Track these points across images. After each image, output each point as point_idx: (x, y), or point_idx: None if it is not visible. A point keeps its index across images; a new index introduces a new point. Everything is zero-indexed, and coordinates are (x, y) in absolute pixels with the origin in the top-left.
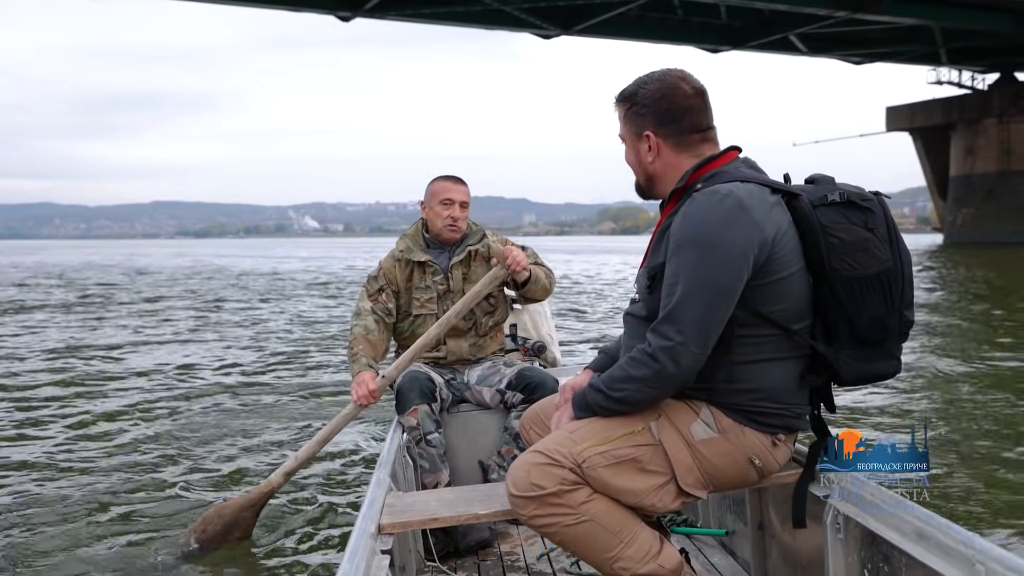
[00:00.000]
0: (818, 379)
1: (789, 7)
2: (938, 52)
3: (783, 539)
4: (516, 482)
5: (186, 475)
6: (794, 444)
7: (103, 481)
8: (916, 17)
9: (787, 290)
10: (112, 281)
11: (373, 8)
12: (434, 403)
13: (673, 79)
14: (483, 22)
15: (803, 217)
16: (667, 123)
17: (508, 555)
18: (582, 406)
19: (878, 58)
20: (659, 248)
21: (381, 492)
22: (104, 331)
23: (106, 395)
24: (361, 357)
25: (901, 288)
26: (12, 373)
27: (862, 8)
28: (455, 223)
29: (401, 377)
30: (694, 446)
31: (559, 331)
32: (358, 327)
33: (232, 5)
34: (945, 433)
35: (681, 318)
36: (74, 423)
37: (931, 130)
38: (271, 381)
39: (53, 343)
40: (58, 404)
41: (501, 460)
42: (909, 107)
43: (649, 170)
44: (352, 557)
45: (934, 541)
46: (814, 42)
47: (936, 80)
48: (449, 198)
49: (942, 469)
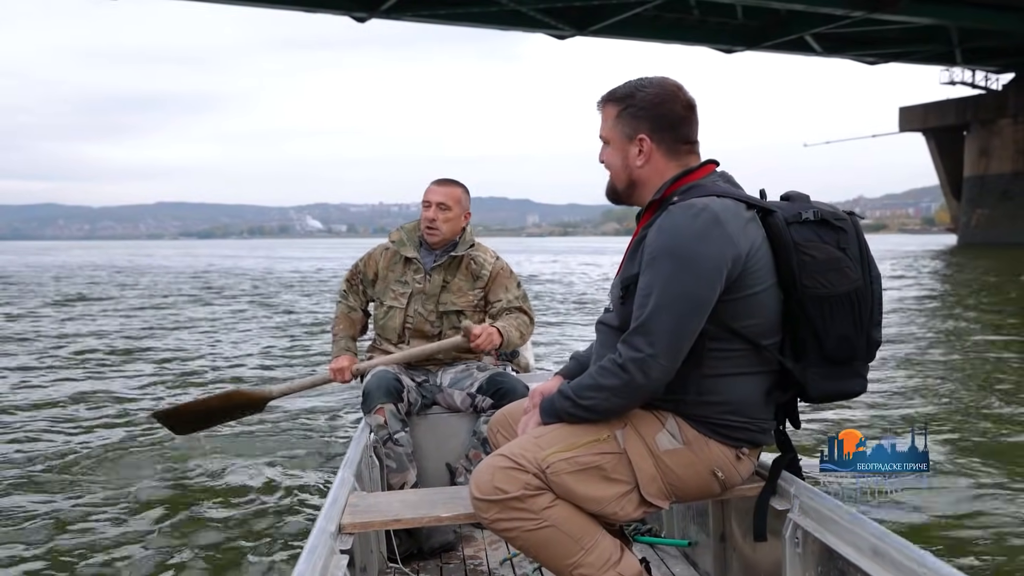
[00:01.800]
0: (784, 395)
1: (807, 7)
2: (953, 52)
3: (744, 551)
4: (480, 485)
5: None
6: (758, 458)
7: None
8: (933, 17)
9: (758, 306)
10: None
11: (389, 9)
12: (400, 403)
13: (672, 87)
14: (499, 23)
15: (777, 234)
16: (663, 129)
17: (471, 559)
18: (550, 412)
19: (892, 58)
20: (633, 259)
21: (344, 491)
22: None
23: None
24: (341, 339)
25: (871, 308)
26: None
27: (880, 8)
28: (431, 224)
29: (369, 376)
30: (658, 456)
31: (538, 333)
32: (341, 305)
33: (248, 6)
34: (948, 433)
35: (653, 330)
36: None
37: (945, 130)
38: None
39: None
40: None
41: (469, 464)
42: (923, 107)
43: (635, 175)
44: (310, 556)
45: (888, 558)
46: (829, 42)
47: (949, 80)
48: (427, 199)
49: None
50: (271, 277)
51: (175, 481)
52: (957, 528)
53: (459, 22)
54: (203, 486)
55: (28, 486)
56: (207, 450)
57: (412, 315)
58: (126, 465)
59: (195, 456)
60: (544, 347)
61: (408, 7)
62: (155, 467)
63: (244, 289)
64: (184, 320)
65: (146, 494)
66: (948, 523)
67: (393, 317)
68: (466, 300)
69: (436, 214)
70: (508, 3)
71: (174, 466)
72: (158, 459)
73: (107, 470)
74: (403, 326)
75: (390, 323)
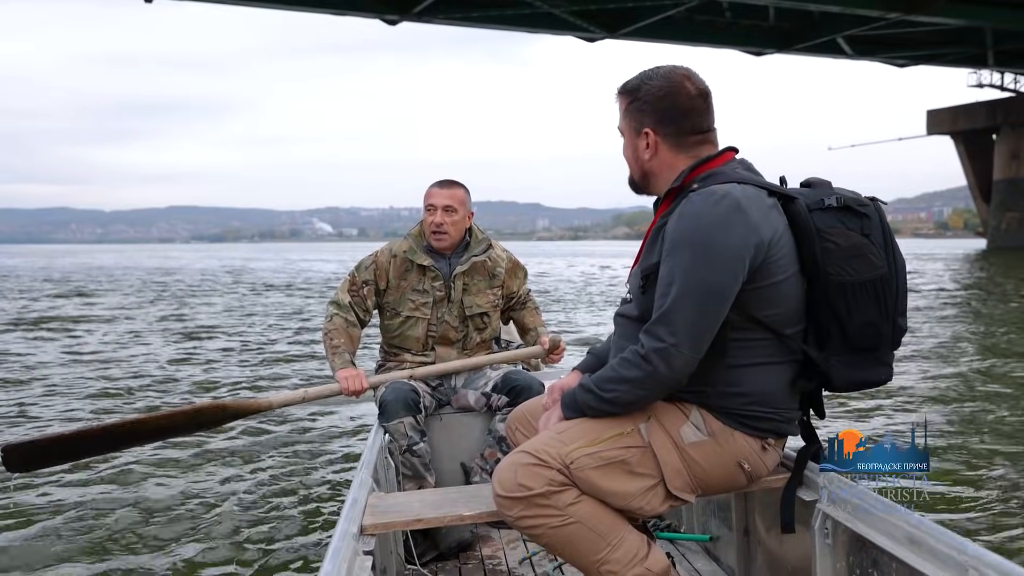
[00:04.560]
0: (809, 384)
1: (842, 8)
2: (985, 54)
3: (769, 545)
4: (503, 482)
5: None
6: (783, 449)
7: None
8: (969, 18)
9: (781, 294)
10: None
11: (422, 12)
12: (419, 415)
13: (678, 77)
14: (531, 25)
15: (799, 221)
16: (668, 122)
17: (490, 559)
18: (572, 406)
19: (923, 60)
20: (653, 248)
21: (363, 493)
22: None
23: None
24: (344, 352)
25: (895, 295)
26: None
27: (916, 9)
28: (439, 229)
29: (384, 388)
30: (683, 449)
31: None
32: (338, 317)
33: (278, 8)
34: (950, 432)
35: (675, 320)
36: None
37: (974, 133)
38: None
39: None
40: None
41: (484, 463)
42: (951, 110)
43: (645, 167)
44: (334, 557)
45: (925, 546)
46: (860, 45)
47: (977, 83)
48: (432, 203)
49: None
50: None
51: (185, 485)
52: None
53: (492, 25)
54: (207, 488)
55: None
56: (218, 452)
57: (436, 323)
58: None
59: (202, 460)
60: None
61: (441, 9)
62: (166, 470)
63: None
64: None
65: (161, 495)
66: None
67: (415, 327)
68: (487, 300)
69: (443, 218)
70: (542, 5)
71: (180, 470)
72: (170, 463)
73: (120, 471)
74: (427, 335)
75: (410, 332)
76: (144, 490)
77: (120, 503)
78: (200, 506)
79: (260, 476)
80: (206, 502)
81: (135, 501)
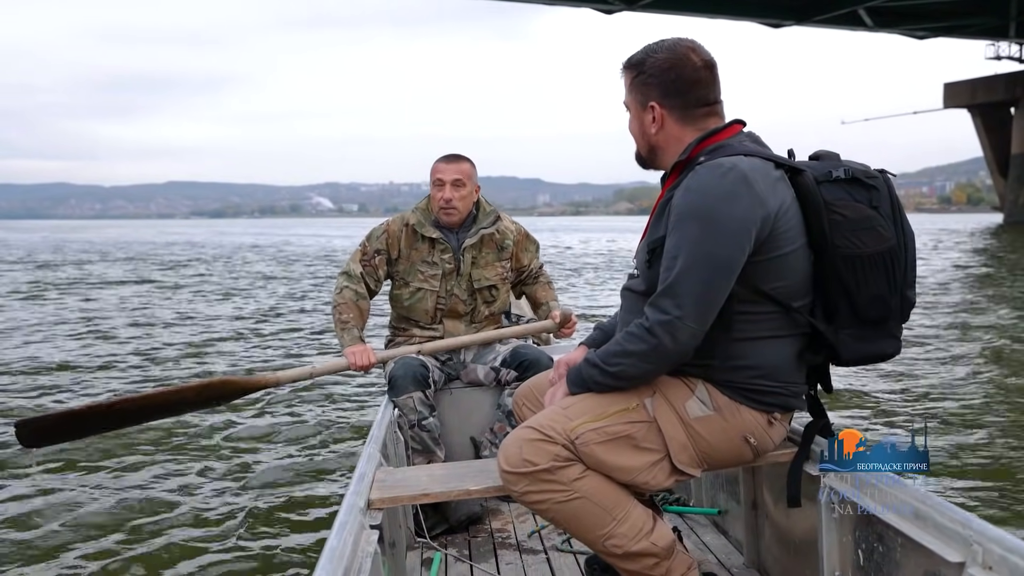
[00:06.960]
0: (816, 358)
1: None
2: (1007, 25)
3: (776, 518)
4: (508, 458)
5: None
6: (790, 423)
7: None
8: None
9: (788, 267)
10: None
11: None
12: (428, 389)
13: (683, 50)
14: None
15: (807, 193)
16: (673, 95)
17: (499, 532)
18: (577, 381)
19: (943, 32)
20: (660, 221)
21: (371, 467)
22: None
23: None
24: (353, 328)
25: (904, 268)
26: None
27: None
28: (448, 204)
29: (393, 363)
30: (689, 424)
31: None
32: (348, 290)
33: None
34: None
35: (680, 292)
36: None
37: (992, 107)
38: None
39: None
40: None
41: (494, 437)
42: (969, 83)
43: (652, 141)
44: (340, 532)
45: (930, 521)
46: (881, 16)
47: (995, 55)
48: (440, 178)
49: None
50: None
51: (191, 462)
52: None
53: None
54: (213, 463)
55: (67, 457)
56: (225, 427)
57: (445, 296)
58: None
59: (209, 436)
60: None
61: None
62: (174, 444)
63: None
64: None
65: (168, 470)
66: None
67: (424, 299)
68: (495, 273)
69: (452, 193)
70: None
71: (189, 448)
72: (178, 436)
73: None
74: (436, 307)
75: (420, 305)
76: (151, 467)
77: (128, 483)
78: (207, 480)
79: (268, 452)
80: (213, 476)
81: (140, 483)
